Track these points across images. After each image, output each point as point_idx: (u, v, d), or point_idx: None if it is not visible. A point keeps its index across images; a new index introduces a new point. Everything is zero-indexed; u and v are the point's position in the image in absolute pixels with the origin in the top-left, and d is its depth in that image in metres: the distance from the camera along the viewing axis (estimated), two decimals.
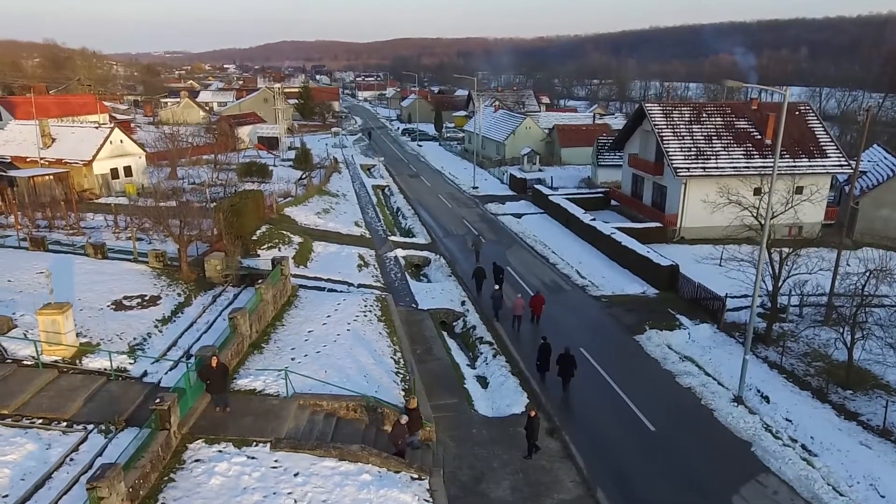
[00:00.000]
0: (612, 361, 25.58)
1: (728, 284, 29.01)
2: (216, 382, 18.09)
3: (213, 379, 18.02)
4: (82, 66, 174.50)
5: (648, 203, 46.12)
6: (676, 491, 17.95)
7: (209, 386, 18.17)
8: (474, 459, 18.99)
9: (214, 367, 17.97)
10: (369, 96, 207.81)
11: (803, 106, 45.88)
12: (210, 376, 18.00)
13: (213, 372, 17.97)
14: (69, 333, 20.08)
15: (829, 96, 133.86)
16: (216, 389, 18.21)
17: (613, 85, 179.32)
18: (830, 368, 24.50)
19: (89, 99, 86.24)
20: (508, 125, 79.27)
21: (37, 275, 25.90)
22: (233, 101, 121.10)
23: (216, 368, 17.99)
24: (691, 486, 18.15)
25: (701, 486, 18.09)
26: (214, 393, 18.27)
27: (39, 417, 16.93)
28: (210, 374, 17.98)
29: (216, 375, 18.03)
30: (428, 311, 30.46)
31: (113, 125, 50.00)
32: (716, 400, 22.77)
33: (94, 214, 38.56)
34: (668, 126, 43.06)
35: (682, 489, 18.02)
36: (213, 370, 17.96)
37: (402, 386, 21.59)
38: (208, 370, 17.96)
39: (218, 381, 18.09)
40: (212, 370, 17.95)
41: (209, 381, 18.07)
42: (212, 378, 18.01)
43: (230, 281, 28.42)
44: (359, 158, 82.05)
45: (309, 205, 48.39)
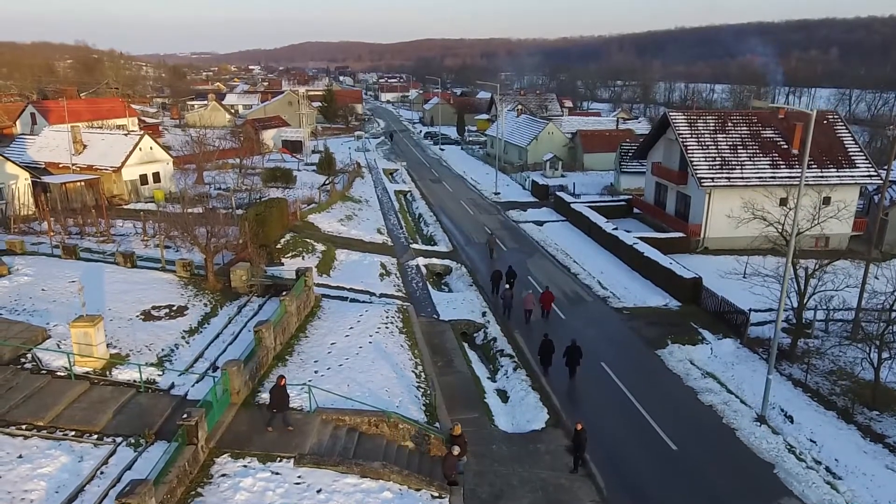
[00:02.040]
0: (633, 377, 25.52)
1: (752, 299, 28.74)
2: (283, 401, 18.46)
3: (281, 398, 18.40)
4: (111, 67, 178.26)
5: (672, 212, 45.77)
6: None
7: (276, 405, 18.47)
8: (494, 477, 19.12)
9: (282, 385, 18.45)
10: (392, 98, 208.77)
11: (832, 115, 45.11)
12: (279, 396, 18.37)
13: (281, 391, 18.37)
14: (100, 345, 20.66)
15: (859, 99, 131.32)
16: (282, 408, 18.56)
17: (637, 87, 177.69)
18: (856, 388, 24.14)
19: (118, 103, 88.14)
20: (531, 130, 79.14)
21: (69, 283, 26.66)
22: (258, 105, 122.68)
23: (283, 387, 18.46)
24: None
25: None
26: (281, 411, 18.59)
27: (72, 429, 17.45)
28: (279, 394, 18.37)
29: (283, 395, 18.42)
30: (449, 322, 30.66)
31: (142, 132, 51.09)
32: (738, 419, 22.59)
33: (124, 221, 39.43)
34: (692, 135, 42.69)
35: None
36: (281, 389, 18.39)
37: (423, 401, 21.82)
38: (278, 390, 18.38)
39: (284, 400, 18.48)
40: (281, 389, 18.38)
41: (275, 400, 18.41)
42: (280, 397, 18.38)
43: (255, 291, 28.92)
44: (381, 163, 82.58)
45: (332, 211, 48.91)
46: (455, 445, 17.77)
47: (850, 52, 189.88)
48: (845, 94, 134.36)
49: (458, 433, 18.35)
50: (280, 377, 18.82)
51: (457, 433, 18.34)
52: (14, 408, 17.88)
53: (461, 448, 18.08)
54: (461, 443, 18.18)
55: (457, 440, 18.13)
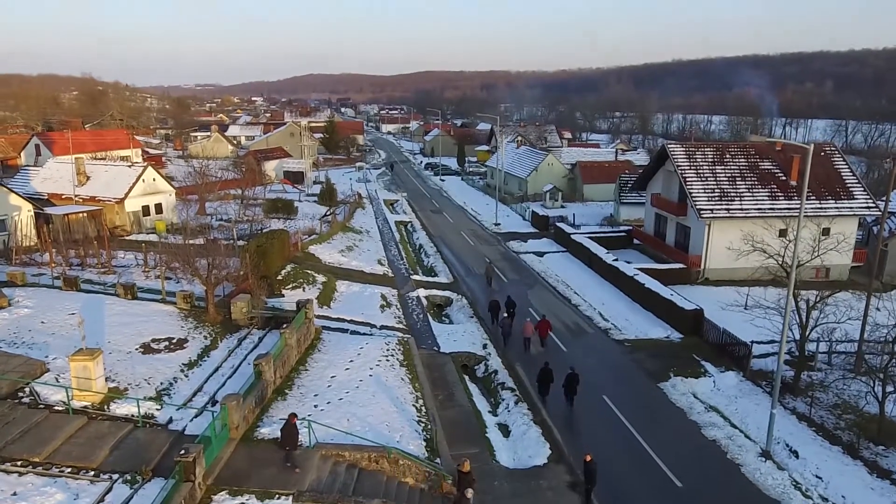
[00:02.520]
0: (636, 410, 25.28)
1: (754, 331, 28.61)
2: (293, 439, 18.24)
3: (291, 436, 18.18)
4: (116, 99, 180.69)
5: (672, 243, 45.89)
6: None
7: (287, 442, 18.24)
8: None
9: (293, 423, 18.24)
10: (393, 129, 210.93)
11: (828, 147, 45.56)
12: (290, 434, 18.16)
13: (291, 429, 18.16)
14: (99, 379, 20.52)
15: (855, 130, 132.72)
16: (293, 446, 18.32)
17: (636, 118, 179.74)
18: (862, 422, 23.88)
19: (122, 134, 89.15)
20: (531, 161, 79.84)
21: (69, 316, 26.62)
22: (260, 136, 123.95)
23: (294, 425, 18.25)
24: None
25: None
26: (292, 450, 18.35)
27: (68, 466, 17.24)
28: (289, 432, 18.16)
29: (294, 433, 18.21)
30: (450, 354, 30.49)
31: (145, 164, 51.50)
32: (743, 454, 22.30)
33: (125, 252, 39.53)
34: (691, 167, 43.05)
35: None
36: (292, 427, 18.17)
37: (423, 435, 21.58)
38: (289, 427, 18.17)
39: (294, 439, 18.27)
40: (291, 427, 18.17)
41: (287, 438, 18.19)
42: (290, 435, 18.17)
43: (255, 323, 28.84)
44: (382, 193, 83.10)
45: (333, 242, 49.04)
46: (469, 489, 17.59)
47: (844, 85, 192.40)
48: (841, 126, 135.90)
49: (466, 470, 18.08)
50: (291, 415, 18.53)
51: (465, 470, 18.07)
52: (10, 443, 17.70)
53: (471, 485, 17.83)
54: (470, 479, 17.94)
55: (465, 476, 17.88)
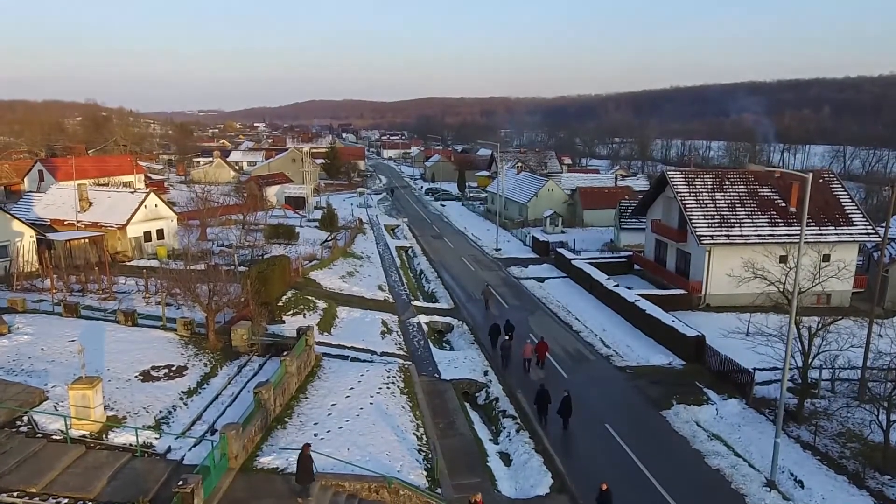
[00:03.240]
0: (638, 439, 25.04)
1: (756, 358, 28.48)
2: (308, 471, 18.02)
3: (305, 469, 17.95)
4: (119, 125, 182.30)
5: (672, 269, 45.92)
6: None
7: (303, 476, 18.00)
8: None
9: (307, 454, 18.03)
10: (394, 155, 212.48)
11: (827, 173, 45.85)
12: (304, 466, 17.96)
13: (306, 460, 17.96)
14: (98, 408, 20.41)
15: (853, 156, 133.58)
16: (306, 480, 18.08)
17: (635, 144, 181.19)
18: (867, 450, 23.65)
19: (125, 160, 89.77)
20: (531, 187, 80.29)
21: (69, 343, 26.53)
22: (262, 161, 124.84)
23: (308, 456, 18.05)
24: None
25: None
26: (307, 483, 18.11)
27: (65, 497, 17.01)
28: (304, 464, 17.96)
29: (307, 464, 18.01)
30: (451, 381, 30.31)
31: (148, 190, 51.81)
32: (747, 483, 22.03)
33: (126, 278, 39.57)
34: (690, 193, 43.28)
35: None
36: (306, 458, 17.97)
37: (424, 465, 21.36)
38: (305, 459, 17.96)
39: (309, 470, 18.06)
40: (306, 458, 17.97)
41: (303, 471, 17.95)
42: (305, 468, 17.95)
43: (256, 350, 28.74)
44: (383, 218, 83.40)
45: (334, 268, 49.07)
46: None
47: (842, 111, 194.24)
48: (839, 152, 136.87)
49: (478, 501, 17.83)
50: (305, 445, 18.27)
51: (478, 500, 17.83)
52: (6, 473, 17.52)
53: None
54: None
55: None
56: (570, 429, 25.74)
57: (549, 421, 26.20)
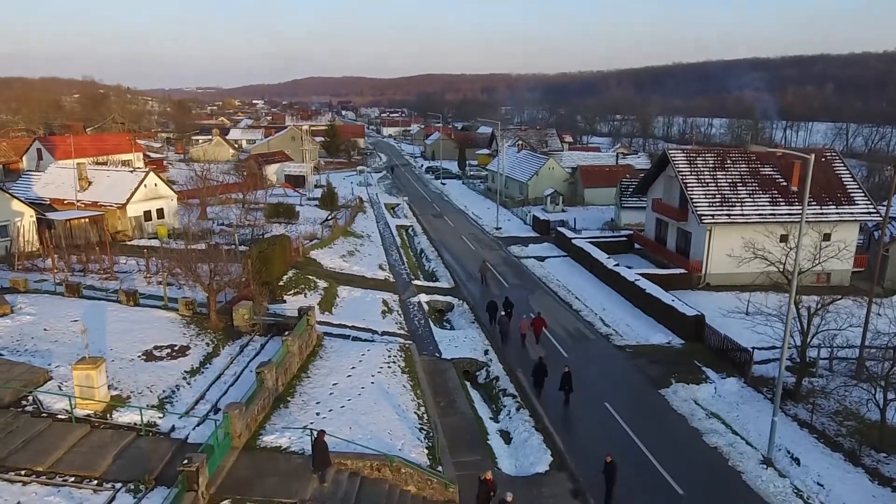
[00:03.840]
0: (637, 417, 25.29)
1: (755, 338, 28.64)
2: (324, 456, 18.20)
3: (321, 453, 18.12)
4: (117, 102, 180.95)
5: (673, 248, 45.93)
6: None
7: (320, 461, 18.18)
8: None
9: (322, 439, 18.19)
10: (394, 132, 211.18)
11: (829, 152, 45.62)
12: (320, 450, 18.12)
13: (321, 446, 18.13)
14: (101, 388, 20.58)
15: (856, 133, 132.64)
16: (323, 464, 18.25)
17: (636, 122, 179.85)
18: (863, 429, 23.89)
19: (123, 138, 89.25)
20: (532, 165, 79.91)
21: (72, 323, 26.68)
22: (261, 139, 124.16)
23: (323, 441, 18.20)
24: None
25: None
26: (324, 468, 18.29)
27: (72, 475, 17.27)
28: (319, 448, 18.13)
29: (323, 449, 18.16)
30: (451, 360, 30.53)
31: (147, 169, 51.58)
32: (744, 461, 22.32)
33: (127, 258, 39.59)
34: (691, 172, 43.11)
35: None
36: (322, 444, 18.14)
37: (425, 443, 21.61)
38: (321, 445, 18.11)
39: (325, 455, 18.23)
40: (323, 444, 18.13)
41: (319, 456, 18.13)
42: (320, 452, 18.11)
43: (257, 330, 28.88)
44: (383, 197, 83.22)
45: (334, 247, 49.09)
46: (508, 492, 17.77)
47: (845, 87, 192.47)
48: (842, 129, 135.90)
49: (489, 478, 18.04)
50: (320, 432, 18.41)
51: (489, 478, 18.04)
52: (14, 452, 17.74)
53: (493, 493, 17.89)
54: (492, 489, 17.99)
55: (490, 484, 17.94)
56: (570, 407, 26.03)
57: (546, 394, 26.72)
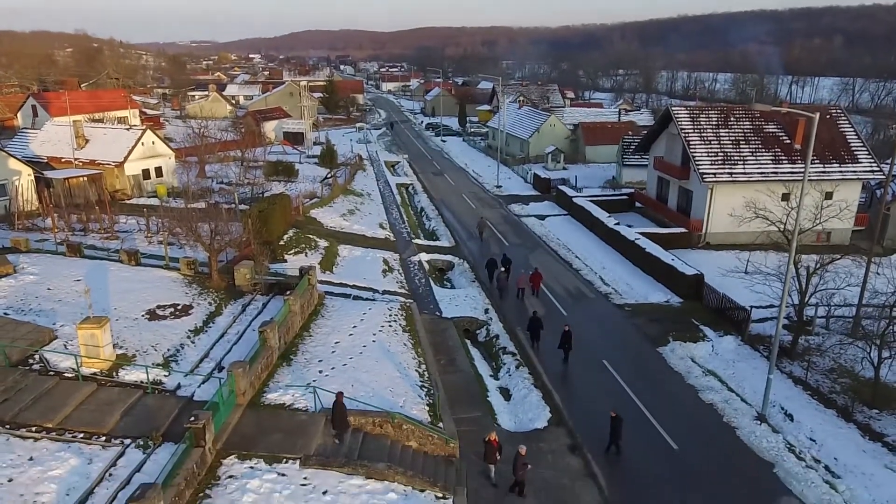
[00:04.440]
0: (635, 375, 25.70)
1: (754, 297, 28.86)
2: (343, 418, 18.54)
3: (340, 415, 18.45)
4: (111, 56, 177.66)
5: (674, 207, 45.80)
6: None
7: (339, 423, 18.54)
8: (497, 477, 19.30)
9: (340, 401, 18.45)
10: (393, 88, 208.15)
11: (835, 109, 45.01)
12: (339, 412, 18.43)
13: (340, 408, 18.42)
14: (107, 347, 20.85)
15: (862, 89, 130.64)
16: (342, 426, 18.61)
17: (639, 77, 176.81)
18: (857, 386, 24.28)
19: (119, 94, 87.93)
20: (533, 122, 78.98)
21: (75, 282, 26.86)
22: (259, 95, 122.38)
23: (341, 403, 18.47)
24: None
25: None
26: (343, 429, 18.68)
27: (81, 431, 17.67)
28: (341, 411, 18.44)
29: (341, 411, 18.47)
30: (452, 319, 30.82)
31: (144, 127, 51.00)
32: (738, 417, 22.77)
33: (127, 217, 39.54)
34: (694, 130, 42.63)
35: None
36: (340, 406, 18.42)
37: (426, 401, 22.02)
38: (339, 407, 18.38)
39: (343, 417, 18.56)
40: (341, 406, 18.42)
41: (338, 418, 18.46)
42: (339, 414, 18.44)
43: (259, 289, 29.08)
44: (383, 155, 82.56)
45: (334, 206, 48.98)
46: (522, 445, 18.37)
47: (854, 41, 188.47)
48: (848, 84, 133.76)
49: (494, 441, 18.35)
50: (339, 394, 18.67)
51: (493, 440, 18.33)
52: (24, 410, 18.10)
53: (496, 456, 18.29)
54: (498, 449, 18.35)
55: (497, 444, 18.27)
56: (569, 365, 26.43)
57: (544, 350, 27.38)
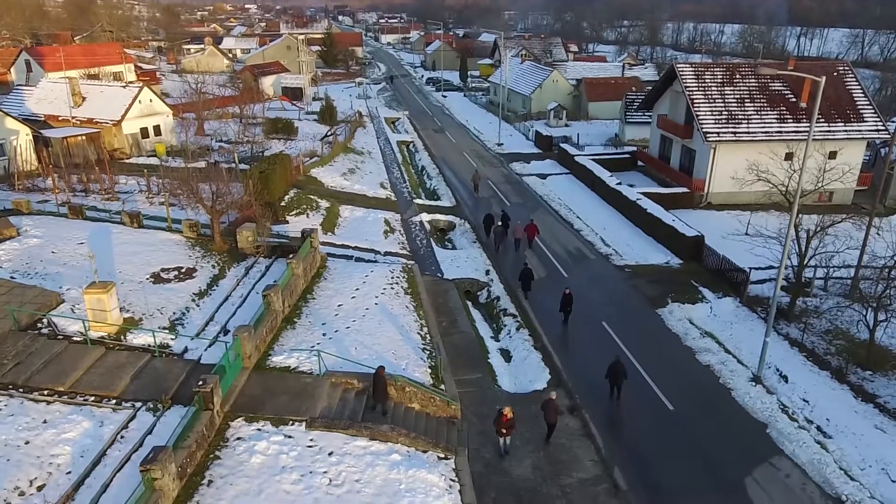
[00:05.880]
0: (633, 336, 26.08)
1: (754, 260, 29.02)
2: (383, 390, 18.89)
3: (380, 388, 18.81)
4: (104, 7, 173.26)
5: (676, 166, 45.54)
6: (691, 472, 18.72)
7: (379, 395, 18.90)
8: (497, 437, 19.87)
9: (381, 374, 18.82)
10: (392, 40, 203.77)
11: (842, 66, 44.23)
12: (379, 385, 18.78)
13: (380, 380, 18.78)
14: (113, 311, 21.14)
15: (872, 41, 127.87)
16: (383, 398, 18.99)
17: (644, 28, 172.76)
18: (851, 348, 24.63)
19: (114, 48, 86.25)
20: (535, 78, 77.68)
21: (78, 245, 27.02)
22: (256, 49, 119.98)
23: (382, 376, 18.82)
24: (706, 467, 18.89)
25: (715, 469, 18.83)
26: (383, 402, 19.07)
27: (91, 395, 18.11)
28: (379, 383, 18.79)
29: (382, 384, 18.82)
30: (453, 280, 31.09)
31: (141, 84, 50.26)
32: (734, 379, 23.20)
33: (127, 178, 39.42)
34: (699, 88, 42.01)
35: (697, 471, 18.78)
36: (382, 379, 18.78)
37: (428, 363, 22.47)
38: (379, 380, 18.76)
39: (384, 389, 18.93)
40: (381, 380, 18.78)
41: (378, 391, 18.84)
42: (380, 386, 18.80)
43: (262, 252, 29.24)
44: (383, 111, 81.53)
45: (335, 164, 48.71)
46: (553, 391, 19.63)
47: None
48: (858, 37, 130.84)
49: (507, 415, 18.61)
50: (380, 367, 18.99)
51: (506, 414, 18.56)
52: (35, 373, 18.52)
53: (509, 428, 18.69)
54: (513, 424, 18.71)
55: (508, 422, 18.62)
56: (569, 327, 26.83)
57: (539, 307, 28.55)
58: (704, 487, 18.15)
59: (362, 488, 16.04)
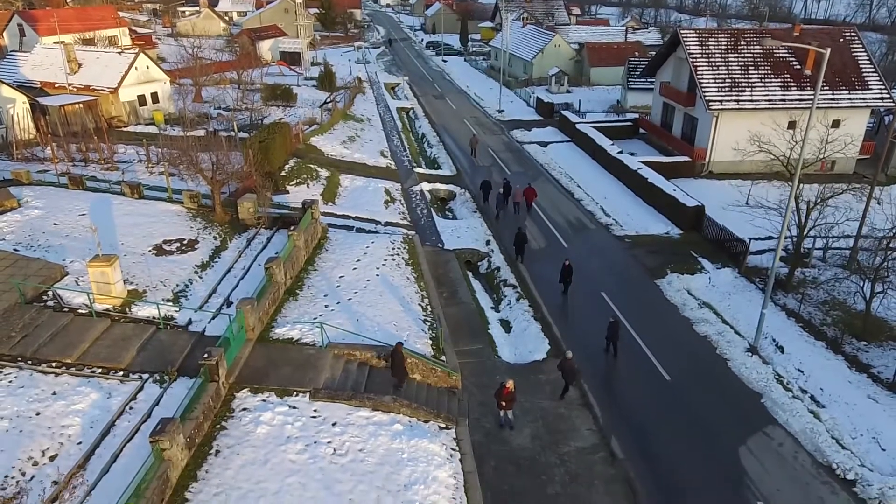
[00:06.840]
0: (631, 307, 26.35)
1: (753, 231, 29.15)
2: (401, 368, 19.01)
3: (398, 365, 18.93)
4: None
5: (678, 135, 45.24)
6: (686, 441, 19.17)
7: (398, 372, 19.03)
8: (497, 407, 20.28)
9: (399, 350, 18.96)
10: (392, 2, 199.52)
11: (849, 32, 43.54)
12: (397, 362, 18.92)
13: (398, 357, 18.92)
14: (118, 283, 21.35)
15: (880, 3, 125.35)
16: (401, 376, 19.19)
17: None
18: (847, 318, 24.92)
19: (108, 11, 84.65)
20: (537, 42, 76.50)
21: (80, 216, 27.07)
22: (252, 11, 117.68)
23: (400, 353, 18.95)
24: (701, 436, 19.34)
25: (710, 438, 19.28)
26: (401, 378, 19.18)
27: (98, 366, 18.43)
28: (396, 360, 18.92)
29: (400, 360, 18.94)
30: (453, 251, 31.23)
31: (137, 50, 49.53)
32: (731, 349, 23.53)
33: (126, 146, 39.22)
34: (703, 55, 41.46)
35: (692, 439, 19.23)
36: (400, 356, 18.92)
37: (429, 334, 22.77)
38: (398, 357, 18.87)
39: (402, 367, 19.04)
40: (399, 356, 18.91)
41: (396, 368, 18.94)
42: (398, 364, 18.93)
43: (263, 223, 29.30)
44: (382, 76, 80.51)
45: (334, 132, 48.37)
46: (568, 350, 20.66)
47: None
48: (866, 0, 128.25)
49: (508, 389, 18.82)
50: (398, 344, 19.12)
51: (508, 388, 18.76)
52: (43, 346, 18.80)
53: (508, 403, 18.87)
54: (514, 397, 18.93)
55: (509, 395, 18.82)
56: (568, 298, 27.09)
57: (525, 260, 30.08)
58: (699, 456, 18.61)
59: (365, 457, 16.46)
